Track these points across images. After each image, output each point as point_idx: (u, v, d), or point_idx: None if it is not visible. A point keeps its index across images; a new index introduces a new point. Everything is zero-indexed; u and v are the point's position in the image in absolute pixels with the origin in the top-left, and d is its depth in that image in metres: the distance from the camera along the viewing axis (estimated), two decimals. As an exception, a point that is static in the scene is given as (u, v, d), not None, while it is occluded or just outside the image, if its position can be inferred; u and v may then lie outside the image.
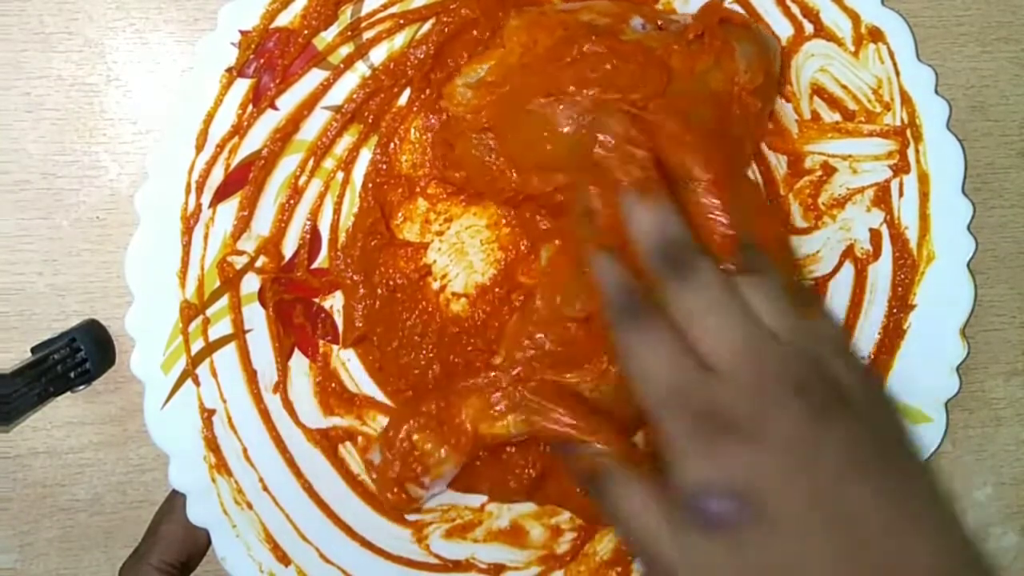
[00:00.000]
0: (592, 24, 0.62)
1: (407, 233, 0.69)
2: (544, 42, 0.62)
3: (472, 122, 0.64)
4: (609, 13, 0.63)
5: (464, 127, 0.64)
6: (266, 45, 0.64)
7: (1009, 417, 0.77)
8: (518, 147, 0.63)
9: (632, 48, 0.61)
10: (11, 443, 0.70)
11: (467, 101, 0.63)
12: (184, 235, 0.64)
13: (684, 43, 0.62)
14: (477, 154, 0.64)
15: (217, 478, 0.64)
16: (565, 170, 0.62)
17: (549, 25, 0.62)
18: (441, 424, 0.63)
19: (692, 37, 0.62)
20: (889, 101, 0.69)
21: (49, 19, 0.69)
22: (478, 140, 0.64)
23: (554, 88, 0.61)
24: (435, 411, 0.63)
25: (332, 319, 0.69)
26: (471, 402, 0.63)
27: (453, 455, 0.63)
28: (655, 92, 0.60)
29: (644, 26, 0.63)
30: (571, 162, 0.61)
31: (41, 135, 0.69)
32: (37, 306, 0.70)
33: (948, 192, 0.69)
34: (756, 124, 0.66)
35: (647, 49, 0.61)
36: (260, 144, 0.65)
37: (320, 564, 0.66)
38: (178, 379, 0.64)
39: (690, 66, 0.61)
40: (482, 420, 0.62)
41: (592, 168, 0.59)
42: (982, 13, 0.75)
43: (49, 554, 0.71)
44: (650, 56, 0.61)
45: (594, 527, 0.70)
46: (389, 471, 0.63)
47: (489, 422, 0.62)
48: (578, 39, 0.61)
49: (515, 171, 0.64)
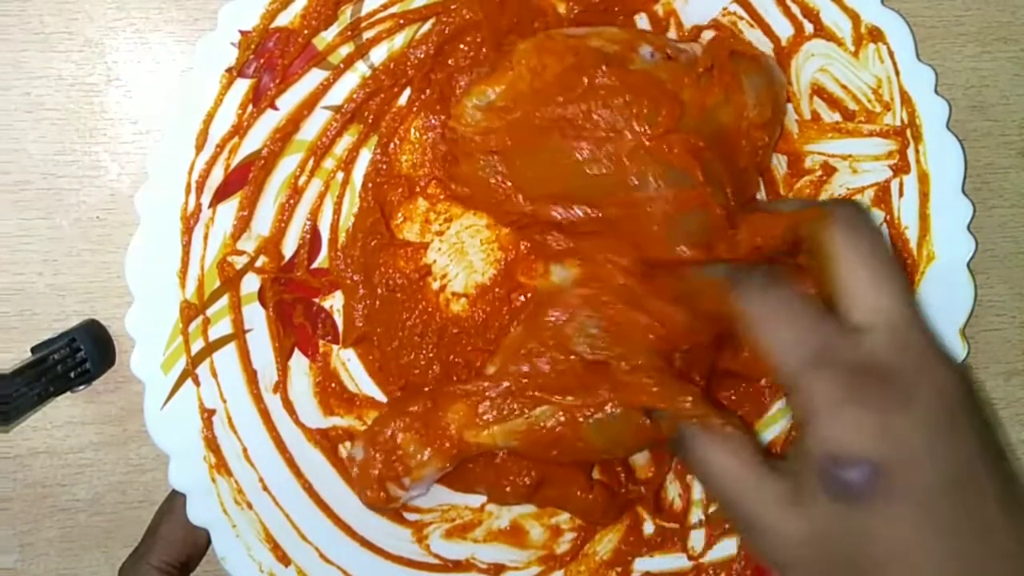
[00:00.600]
0: (602, 51, 0.61)
1: (407, 233, 0.69)
2: (553, 68, 0.61)
3: (481, 144, 0.63)
4: (618, 40, 0.62)
5: (472, 148, 0.63)
6: (266, 45, 0.64)
7: (1009, 417, 0.77)
8: (529, 175, 0.63)
9: (643, 80, 0.60)
10: (11, 443, 0.70)
11: (476, 123, 0.62)
12: (184, 235, 0.63)
13: (694, 76, 0.61)
14: (483, 175, 0.64)
15: (217, 478, 0.64)
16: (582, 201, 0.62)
17: (558, 50, 0.61)
18: (427, 426, 0.63)
19: (702, 70, 0.62)
20: (889, 101, 0.69)
21: (49, 19, 0.69)
22: (485, 162, 0.63)
23: (567, 121, 0.61)
24: (422, 412, 0.63)
25: (332, 319, 0.69)
26: (458, 408, 0.63)
27: (436, 459, 0.63)
28: (668, 128, 0.59)
29: (653, 55, 0.62)
30: (587, 194, 0.61)
31: (41, 135, 0.69)
32: (37, 306, 0.70)
33: (948, 192, 0.69)
34: (763, 156, 0.66)
35: (658, 81, 0.61)
36: (260, 144, 0.65)
37: (320, 564, 0.66)
38: (178, 379, 0.64)
39: (701, 101, 0.61)
40: (468, 427, 0.62)
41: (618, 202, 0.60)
42: (982, 13, 0.75)
43: (49, 554, 0.71)
44: (662, 89, 0.60)
45: (594, 527, 0.70)
46: (371, 468, 0.63)
47: (475, 430, 0.62)
48: (588, 67, 0.61)
49: (524, 197, 0.63)
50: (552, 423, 0.61)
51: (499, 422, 0.62)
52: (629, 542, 0.70)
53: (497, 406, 0.62)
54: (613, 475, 0.69)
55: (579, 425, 0.61)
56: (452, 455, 0.63)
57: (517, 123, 0.62)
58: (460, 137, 0.64)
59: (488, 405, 0.62)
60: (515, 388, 0.62)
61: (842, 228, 0.54)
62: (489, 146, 0.63)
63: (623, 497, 0.69)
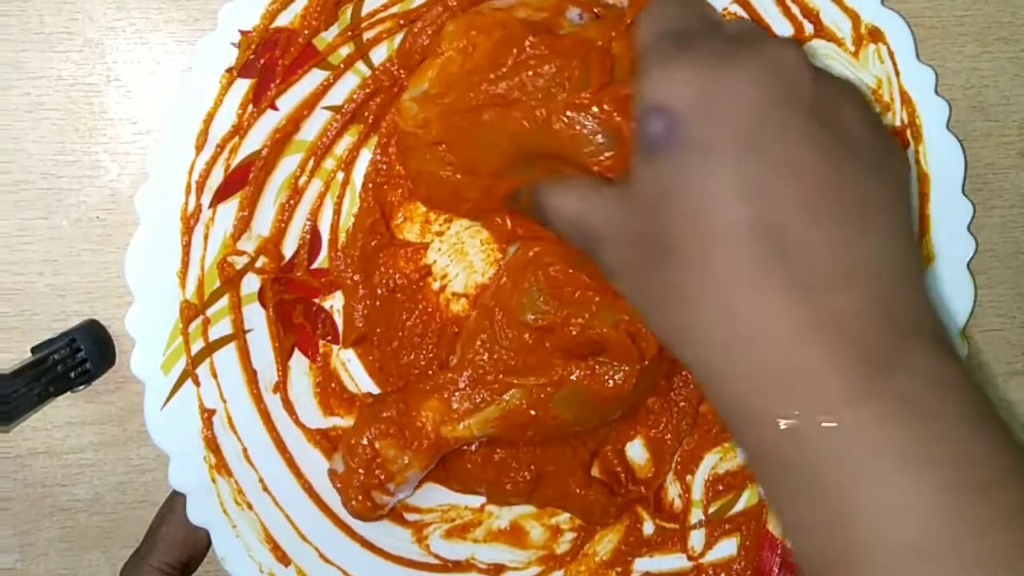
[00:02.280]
0: (529, 21, 0.60)
1: (407, 233, 0.69)
2: (483, 46, 0.60)
3: (423, 136, 0.62)
4: (545, 7, 0.61)
5: (415, 142, 0.63)
6: (266, 45, 0.64)
7: (1009, 417, 0.77)
8: (472, 157, 0.62)
9: (571, 43, 0.59)
10: (11, 443, 0.70)
11: (415, 115, 0.62)
12: (184, 235, 0.63)
13: (622, 28, 0.59)
14: (432, 168, 0.63)
15: (217, 478, 0.64)
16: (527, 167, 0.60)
17: (486, 26, 0.60)
18: (402, 429, 0.63)
19: (630, 21, 0.59)
20: (889, 101, 0.68)
21: (49, 19, 0.69)
22: (432, 154, 0.62)
23: (500, 96, 0.59)
24: (396, 416, 0.63)
25: (332, 319, 0.69)
26: (430, 405, 0.63)
27: (416, 460, 0.63)
28: (601, 83, 0.58)
29: (581, 16, 0.61)
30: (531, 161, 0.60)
31: (41, 135, 0.69)
32: (37, 306, 0.70)
33: (948, 193, 0.69)
34: None
35: (587, 41, 0.59)
36: (260, 144, 0.65)
37: (320, 564, 0.66)
38: (178, 379, 0.64)
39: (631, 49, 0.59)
40: (443, 423, 0.63)
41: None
42: (982, 13, 0.74)
43: (49, 554, 0.71)
44: (590, 48, 0.59)
45: (594, 527, 0.70)
46: (353, 479, 0.64)
47: (451, 424, 0.62)
48: (516, 39, 0.59)
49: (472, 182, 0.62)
50: (521, 405, 0.62)
51: (472, 414, 0.62)
52: (629, 542, 0.70)
53: (468, 397, 0.62)
54: (613, 475, 0.69)
55: (546, 403, 0.62)
56: (432, 454, 0.63)
57: (452, 107, 0.61)
58: (401, 133, 0.63)
59: (459, 397, 0.63)
60: (480, 376, 0.62)
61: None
62: (430, 137, 0.62)
63: (623, 497, 0.69)
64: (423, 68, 0.62)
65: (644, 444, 0.71)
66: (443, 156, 0.62)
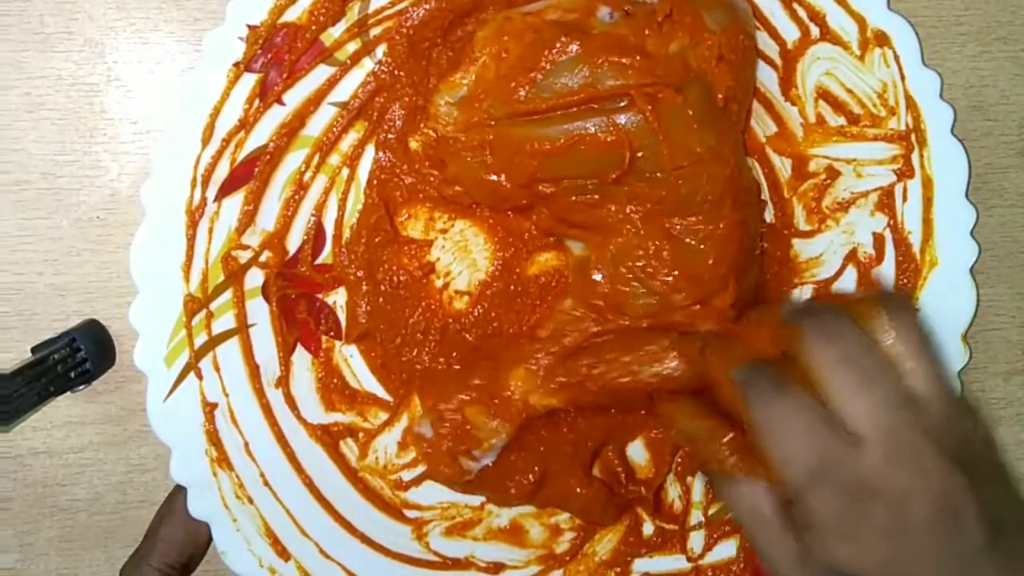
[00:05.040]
0: (560, 22, 0.61)
1: (411, 230, 0.69)
2: (515, 50, 0.61)
3: (465, 142, 0.63)
4: (575, 7, 0.61)
5: (457, 147, 0.63)
6: (274, 40, 0.64)
7: (1008, 417, 0.77)
8: (515, 160, 0.62)
9: (605, 41, 0.60)
10: (11, 443, 0.70)
11: (454, 120, 0.62)
12: (189, 229, 0.64)
13: (655, 26, 0.60)
14: (474, 172, 0.64)
15: (218, 472, 0.64)
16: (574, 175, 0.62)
17: (517, 31, 0.61)
18: (492, 397, 0.64)
19: (662, 19, 0.60)
20: (894, 105, 0.69)
21: (49, 19, 0.69)
22: (473, 157, 0.63)
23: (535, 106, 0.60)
24: (485, 383, 0.64)
25: (335, 315, 0.69)
26: (518, 374, 0.64)
27: (503, 427, 0.64)
28: (639, 82, 0.59)
29: (612, 15, 0.61)
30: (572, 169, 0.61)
31: (41, 135, 0.69)
32: (37, 306, 0.70)
33: (951, 197, 0.69)
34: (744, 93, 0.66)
35: (620, 39, 0.60)
36: (266, 139, 0.65)
37: (320, 559, 0.66)
38: (181, 372, 0.64)
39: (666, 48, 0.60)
40: (531, 391, 0.64)
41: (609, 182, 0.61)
42: (982, 13, 0.75)
43: (49, 554, 0.71)
44: (624, 46, 0.60)
45: (593, 527, 0.70)
46: (443, 445, 0.64)
47: (538, 393, 0.64)
48: (548, 41, 0.60)
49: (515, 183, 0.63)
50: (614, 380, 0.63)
51: (563, 389, 0.63)
52: (628, 542, 0.70)
53: (559, 370, 0.64)
54: (613, 475, 0.69)
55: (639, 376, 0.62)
56: (519, 422, 0.64)
57: (493, 111, 0.62)
58: (441, 138, 0.64)
59: (549, 369, 0.64)
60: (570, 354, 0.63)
61: (810, 342, 0.52)
62: (472, 143, 0.63)
63: (623, 497, 0.69)
64: (456, 72, 0.62)
65: (644, 445, 0.71)
66: (484, 159, 0.63)
